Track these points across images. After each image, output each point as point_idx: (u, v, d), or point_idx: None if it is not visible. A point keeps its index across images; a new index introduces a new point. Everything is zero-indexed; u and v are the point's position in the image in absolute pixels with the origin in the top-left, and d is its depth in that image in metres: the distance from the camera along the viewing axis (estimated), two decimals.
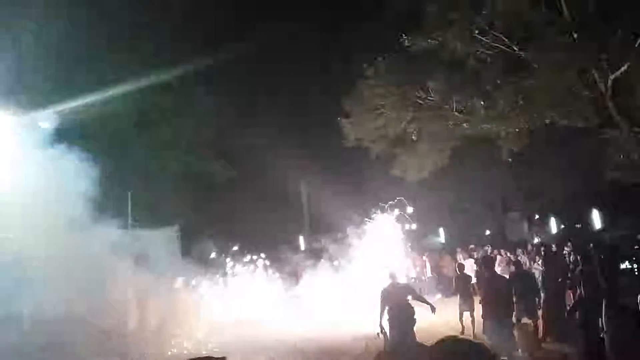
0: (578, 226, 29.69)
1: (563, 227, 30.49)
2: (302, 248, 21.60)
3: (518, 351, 8.62)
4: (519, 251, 18.42)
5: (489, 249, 20.13)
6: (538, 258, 15.56)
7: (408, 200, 17.43)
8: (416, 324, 8.27)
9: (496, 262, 18.03)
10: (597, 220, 28.23)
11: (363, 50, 18.32)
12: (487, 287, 8.57)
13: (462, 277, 13.38)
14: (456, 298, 12.61)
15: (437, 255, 22.55)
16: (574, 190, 25.05)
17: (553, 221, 31.12)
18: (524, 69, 14.87)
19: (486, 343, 7.25)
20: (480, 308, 9.03)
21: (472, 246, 22.00)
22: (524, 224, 32.43)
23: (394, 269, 9.79)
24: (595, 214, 28.39)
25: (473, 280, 13.95)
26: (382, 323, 8.70)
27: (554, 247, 16.11)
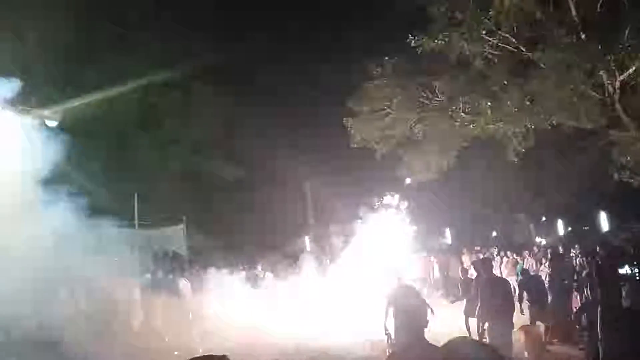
0: (585, 228, 29.56)
1: (570, 229, 30.36)
2: (308, 248, 21.55)
3: (524, 354, 8.55)
4: (525, 253, 18.35)
5: (495, 251, 20.06)
6: (544, 260, 15.50)
7: (413, 200, 17.38)
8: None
9: (502, 264, 18.03)
10: (604, 222, 28.07)
11: (370, 50, 18.32)
12: (486, 290, 8.46)
13: (468, 282, 13.29)
14: (463, 301, 12.51)
15: (444, 256, 22.49)
16: (581, 191, 24.94)
17: (560, 223, 30.98)
18: (531, 70, 14.81)
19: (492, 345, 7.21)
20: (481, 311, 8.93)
21: (478, 248, 21.94)
22: (531, 226, 32.33)
23: (400, 270, 9.74)
24: (602, 216, 28.23)
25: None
26: (387, 324, 8.65)
27: (561, 250, 16.05)
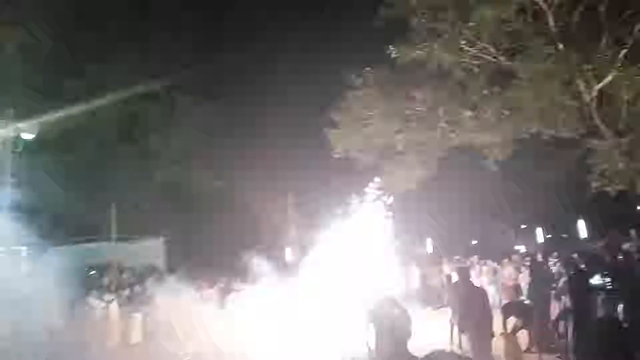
0: (564, 236, 29.90)
1: (549, 237, 30.68)
2: (289, 259, 21.43)
3: None
4: (505, 261, 18.46)
5: (475, 259, 20.14)
6: (524, 268, 15.60)
7: (395, 210, 17.39)
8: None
9: (482, 272, 18.12)
10: (583, 230, 28.42)
11: (351, 61, 18.36)
12: (463, 299, 8.47)
13: (453, 286, 13.24)
14: (445, 310, 12.42)
15: (425, 265, 22.52)
16: (560, 200, 25.24)
17: (539, 231, 31.28)
18: (511, 80, 14.97)
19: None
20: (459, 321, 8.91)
21: (458, 257, 22.00)
22: (511, 234, 32.61)
23: (380, 281, 9.65)
24: (580, 224, 28.59)
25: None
26: (367, 338, 8.51)
27: (540, 257, 16.15)
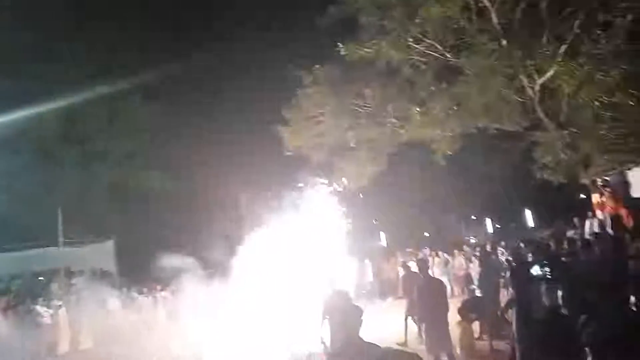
0: (512, 225, 30.76)
1: (498, 227, 31.48)
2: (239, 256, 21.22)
3: (456, 350, 8.78)
4: (456, 252, 18.87)
5: (427, 251, 20.52)
6: (474, 258, 15.98)
7: (348, 205, 17.49)
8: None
9: (435, 264, 18.49)
10: (530, 219, 29.31)
11: (302, 59, 18.38)
12: (421, 291, 8.66)
13: (409, 277, 13.40)
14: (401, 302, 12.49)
15: (378, 259, 22.80)
16: (507, 191, 25.95)
17: (488, 221, 32.06)
18: (457, 76, 15.30)
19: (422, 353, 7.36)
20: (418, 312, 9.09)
21: (410, 249, 22.36)
22: (461, 225, 33.31)
23: (332, 275, 9.68)
24: (527, 214, 29.47)
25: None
26: (322, 334, 8.56)
27: (489, 247, 16.57)
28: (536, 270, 7.06)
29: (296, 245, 14.68)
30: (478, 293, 11.87)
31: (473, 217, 33.74)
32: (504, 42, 14.27)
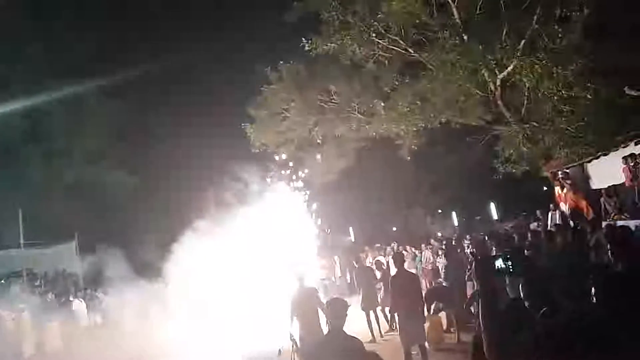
0: (477, 218, 31.18)
1: (463, 220, 31.86)
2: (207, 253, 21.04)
3: (425, 343, 8.87)
4: (423, 246, 19.00)
5: (395, 246, 20.64)
6: (441, 252, 16.11)
7: (315, 201, 17.51)
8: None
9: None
10: (494, 212, 29.75)
11: (266, 56, 18.36)
12: (397, 283, 8.75)
13: (362, 270, 13.45)
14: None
15: (348, 254, 22.82)
16: (472, 184, 26.30)
17: (454, 215, 32.42)
18: (420, 70, 15.45)
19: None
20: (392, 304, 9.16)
21: (378, 245, 22.47)
22: (427, 219, 33.63)
23: (301, 271, 9.67)
24: (492, 206, 29.91)
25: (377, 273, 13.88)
26: (292, 331, 8.54)
27: (454, 241, 16.74)
28: (499, 262, 7.16)
29: (264, 242, 14.64)
30: (445, 285, 12.01)
31: (439, 211, 34.10)
32: (465, 37, 14.43)
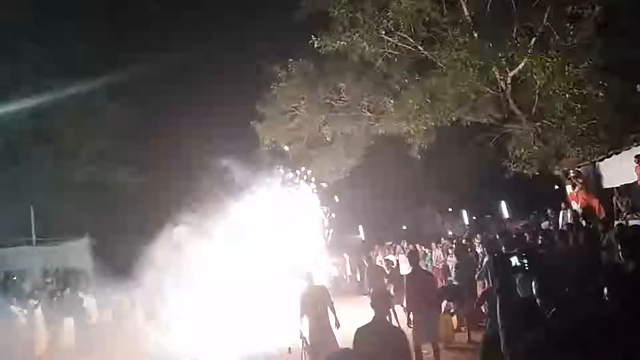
0: (488, 217, 31.05)
1: (474, 219, 31.74)
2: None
3: (437, 341, 8.85)
4: (433, 244, 18.96)
5: (405, 244, 20.61)
6: (451, 251, 16.08)
7: (325, 199, 17.51)
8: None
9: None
10: (505, 211, 29.62)
11: (276, 53, 18.31)
12: (413, 281, 8.74)
13: (373, 269, 13.47)
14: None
15: (358, 253, 22.83)
16: (483, 183, 26.18)
17: (465, 213, 32.31)
18: (430, 68, 15.36)
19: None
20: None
21: (389, 243, 22.44)
22: (438, 218, 33.54)
23: (311, 269, 9.70)
24: (502, 205, 29.77)
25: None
26: (302, 329, 8.54)
27: (464, 240, 16.70)
28: (515, 260, 7.14)
29: (274, 240, 14.68)
30: (456, 284, 11.97)
31: (449, 210, 34.01)
32: (475, 35, 14.33)
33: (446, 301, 11.10)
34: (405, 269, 12.44)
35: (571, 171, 14.79)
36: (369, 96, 16.63)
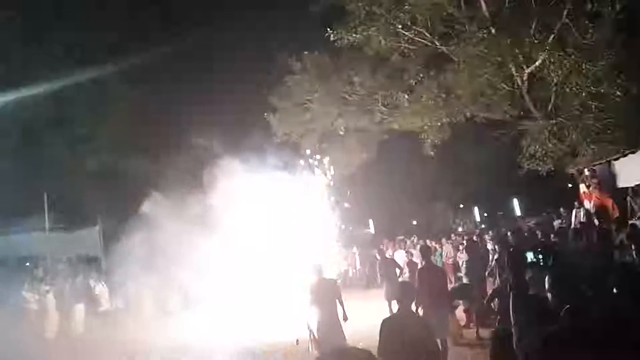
0: (500, 214, 30.94)
1: (485, 215, 31.64)
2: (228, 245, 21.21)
3: (447, 337, 8.83)
4: (444, 240, 18.92)
5: (415, 239, 20.59)
6: (461, 247, 16.04)
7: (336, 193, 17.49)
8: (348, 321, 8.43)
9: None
10: (517, 208, 29.49)
11: (290, 45, 18.31)
12: (424, 276, 8.73)
13: (386, 262, 13.50)
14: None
15: (367, 247, 22.84)
16: (495, 180, 26.07)
17: (476, 210, 32.22)
18: (446, 64, 15.29)
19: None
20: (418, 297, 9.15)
21: (401, 237, 22.41)
22: (449, 214, 33.46)
23: (320, 263, 9.67)
24: (515, 202, 29.64)
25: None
26: (309, 321, 8.54)
27: (475, 237, 16.64)
28: (531, 255, 7.17)
29: (285, 233, 14.71)
30: (465, 281, 11.94)
31: (461, 206, 33.92)
32: (493, 31, 14.24)
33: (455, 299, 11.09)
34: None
35: (586, 170, 14.68)
36: (383, 90, 16.59)
